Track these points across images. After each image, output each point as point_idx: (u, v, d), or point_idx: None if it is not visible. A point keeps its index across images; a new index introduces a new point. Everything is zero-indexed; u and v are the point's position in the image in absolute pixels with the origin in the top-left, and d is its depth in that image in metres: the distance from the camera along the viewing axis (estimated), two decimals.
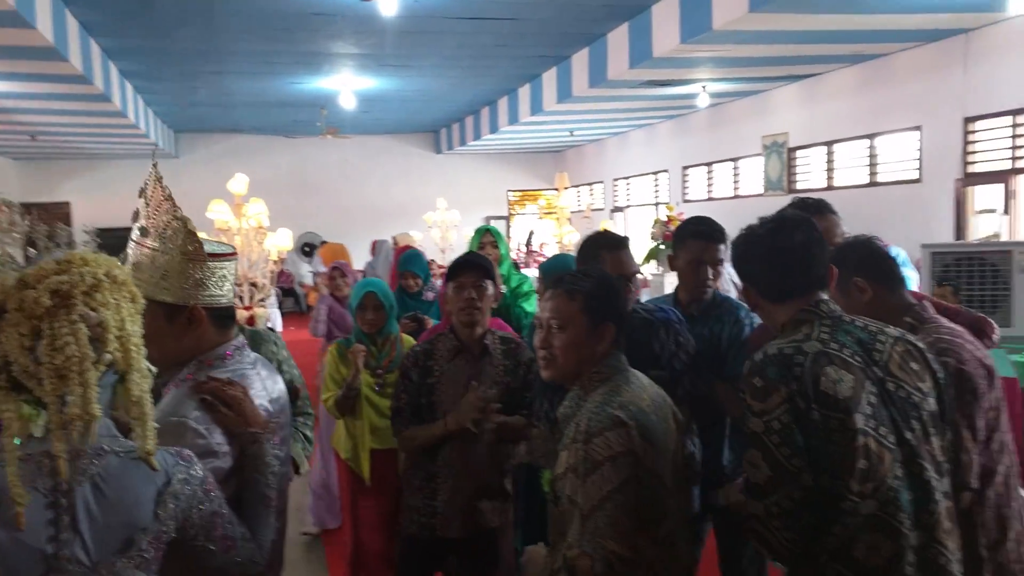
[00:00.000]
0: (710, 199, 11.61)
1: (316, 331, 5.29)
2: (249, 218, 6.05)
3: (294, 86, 10.41)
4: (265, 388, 1.83)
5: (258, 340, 2.95)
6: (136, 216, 1.78)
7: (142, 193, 1.78)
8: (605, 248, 2.62)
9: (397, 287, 4.36)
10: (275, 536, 1.72)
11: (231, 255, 1.82)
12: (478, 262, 2.86)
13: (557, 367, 1.96)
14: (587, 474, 1.74)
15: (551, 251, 15.74)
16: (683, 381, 2.57)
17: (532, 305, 4.21)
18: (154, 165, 1.79)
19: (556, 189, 10.67)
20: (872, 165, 8.56)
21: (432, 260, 13.46)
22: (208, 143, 14.28)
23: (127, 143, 12.56)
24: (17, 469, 1.28)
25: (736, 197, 10.96)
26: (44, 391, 1.31)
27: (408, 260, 4.52)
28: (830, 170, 9.19)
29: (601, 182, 15.37)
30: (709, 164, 11.73)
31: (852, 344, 1.72)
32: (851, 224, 3.00)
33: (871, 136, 8.49)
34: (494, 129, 12.64)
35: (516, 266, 7.16)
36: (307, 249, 14.83)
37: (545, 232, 15.89)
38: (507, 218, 16.92)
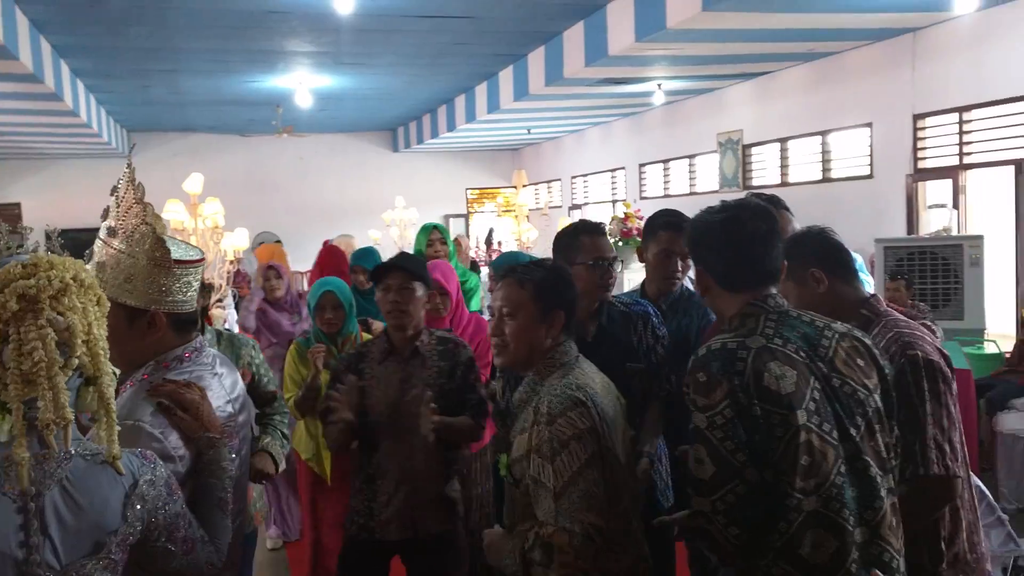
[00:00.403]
0: (667, 195, 11.75)
1: (246, 321, 4.98)
2: (205, 218, 5.99)
3: (249, 84, 10.29)
4: (224, 388, 1.83)
5: (236, 344, 2.95)
6: (105, 214, 1.77)
7: (114, 191, 1.77)
8: (584, 233, 2.64)
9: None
10: (230, 538, 1.72)
11: (198, 261, 1.82)
12: (403, 264, 2.83)
13: (509, 353, 2.03)
14: (555, 453, 1.81)
15: (510, 248, 15.80)
16: (661, 374, 2.61)
17: (475, 303, 4.22)
18: (128, 166, 1.78)
19: (514, 187, 10.72)
20: (825, 162, 8.75)
21: None
22: (162, 142, 14.02)
23: (79, 143, 12.29)
24: None
25: (692, 194, 11.11)
26: (9, 396, 1.30)
27: (359, 256, 4.39)
28: (784, 167, 9.38)
29: (559, 180, 15.46)
30: (665, 161, 11.86)
31: (797, 339, 1.71)
32: (805, 220, 3.06)
33: (823, 133, 8.68)
34: (452, 127, 12.62)
35: (475, 264, 7.18)
36: None
37: (504, 230, 15.95)
38: (466, 216, 16.92)
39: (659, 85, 9.43)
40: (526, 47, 8.99)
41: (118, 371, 1.51)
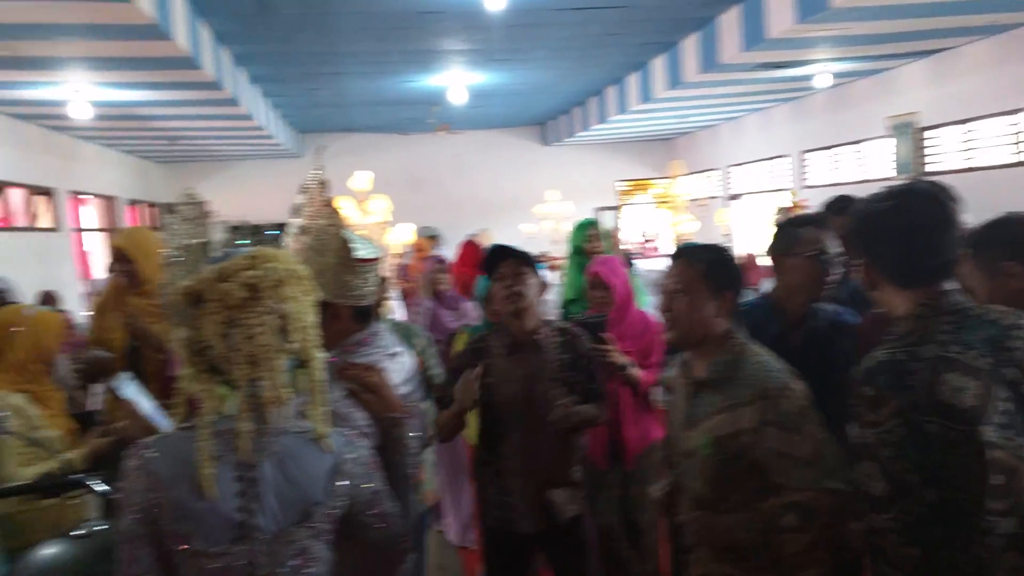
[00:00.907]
0: (833, 184, 11.14)
1: (415, 320, 4.79)
2: (372, 214, 6.26)
3: (406, 84, 10.66)
4: (401, 371, 1.94)
5: (409, 333, 3.09)
6: (296, 211, 1.93)
7: (303, 192, 1.92)
8: (808, 224, 2.55)
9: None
10: (416, 513, 1.81)
11: (377, 259, 1.97)
12: (514, 251, 2.79)
13: (678, 329, 2.08)
14: (799, 423, 1.89)
15: (665, 241, 15.53)
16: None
17: (644, 300, 4.11)
18: (318, 168, 1.93)
19: (669, 178, 10.51)
20: (1018, 143, 7.98)
21: (544, 252, 13.58)
22: (329, 142, 14.81)
23: (255, 144, 13.21)
24: (210, 443, 1.40)
25: (863, 181, 10.46)
26: (236, 375, 1.43)
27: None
28: (967, 150, 8.65)
29: (716, 169, 15.02)
30: (831, 148, 11.25)
31: (979, 343, 1.55)
32: (994, 207, 2.80)
33: (1014, 112, 7.93)
34: (603, 119, 12.54)
35: (628, 257, 7.11)
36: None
37: (658, 222, 15.68)
38: (617, 208, 16.79)
39: (823, 67, 8.95)
40: (679, 34, 8.77)
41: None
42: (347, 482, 1.52)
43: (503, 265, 2.74)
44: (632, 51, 9.50)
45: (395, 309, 7.69)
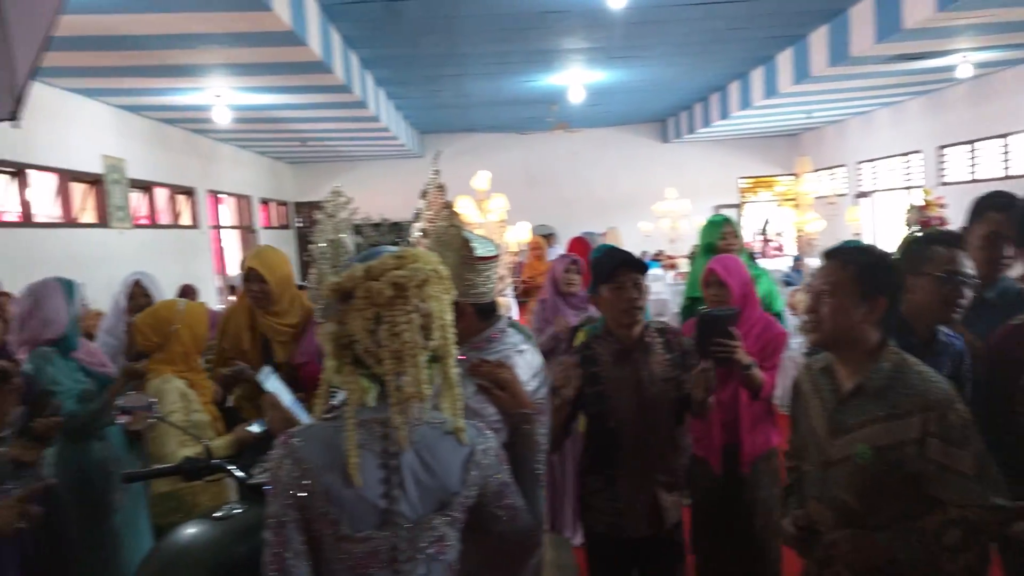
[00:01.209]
0: (974, 180, 10.50)
1: (538, 318, 4.59)
2: (491, 212, 6.38)
3: (526, 84, 10.77)
4: (528, 365, 1.99)
5: (523, 333, 3.15)
6: (417, 216, 2.01)
7: (424, 195, 2.01)
8: (941, 243, 2.39)
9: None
10: (544, 509, 1.83)
11: (497, 257, 2.02)
12: (635, 260, 2.75)
13: (820, 331, 2.01)
14: (966, 438, 1.86)
15: (789, 240, 15.05)
16: None
17: (777, 304, 3.98)
18: (436, 172, 2.02)
19: (794, 174, 10.17)
20: None
21: (661, 251, 13.41)
22: (449, 143, 15.13)
23: (379, 145, 13.68)
24: (355, 433, 1.47)
25: (1007, 178, 9.82)
26: (383, 369, 1.49)
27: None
28: None
29: (843, 165, 14.41)
30: (971, 142, 10.59)
31: None
32: None
33: None
34: (724, 115, 12.27)
35: (752, 256, 6.92)
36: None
37: (781, 220, 15.21)
38: (738, 206, 16.37)
39: (964, 57, 8.45)
40: (807, 27, 8.48)
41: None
42: (478, 472, 1.56)
43: (622, 273, 2.69)
44: (757, 45, 9.26)
45: (509, 308, 7.81)
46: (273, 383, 2.25)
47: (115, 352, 3.74)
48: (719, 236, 3.95)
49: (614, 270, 2.69)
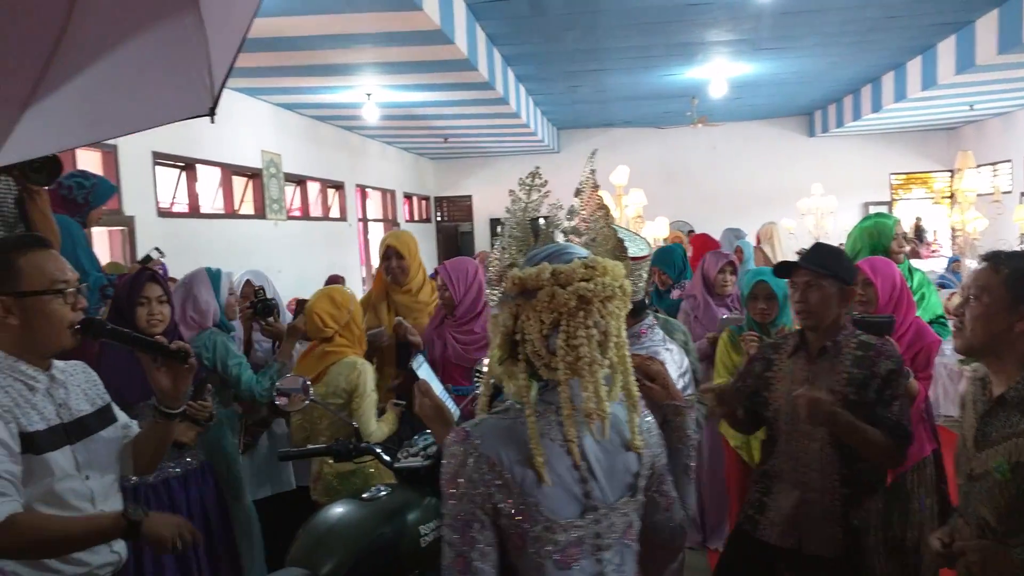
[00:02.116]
0: None
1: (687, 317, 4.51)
2: (628, 207, 6.37)
3: (666, 78, 10.63)
4: (675, 362, 2.00)
5: (669, 329, 3.16)
6: (571, 213, 2.05)
7: (578, 193, 2.04)
8: None
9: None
10: (695, 502, 1.80)
11: (647, 256, 2.07)
12: (806, 261, 2.57)
13: (964, 337, 1.94)
14: None
15: (945, 241, 14.13)
16: None
17: (935, 305, 3.73)
18: (592, 171, 2.03)
19: (953, 171, 9.55)
20: None
21: (802, 249, 12.89)
22: (585, 138, 15.14)
23: (518, 141, 13.87)
24: (537, 426, 1.45)
25: None
26: (558, 375, 1.46)
27: (656, 257, 4.57)
28: None
29: (1008, 161, 13.38)
30: None
31: None
32: None
33: None
34: (877, 107, 11.67)
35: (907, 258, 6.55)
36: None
37: (936, 219, 14.30)
38: (889, 203, 15.52)
39: None
40: (974, 12, 7.95)
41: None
42: (648, 450, 1.55)
43: (796, 274, 2.58)
44: (916, 34, 8.76)
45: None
46: (425, 370, 2.33)
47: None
48: (892, 237, 3.65)
49: (789, 270, 2.61)
